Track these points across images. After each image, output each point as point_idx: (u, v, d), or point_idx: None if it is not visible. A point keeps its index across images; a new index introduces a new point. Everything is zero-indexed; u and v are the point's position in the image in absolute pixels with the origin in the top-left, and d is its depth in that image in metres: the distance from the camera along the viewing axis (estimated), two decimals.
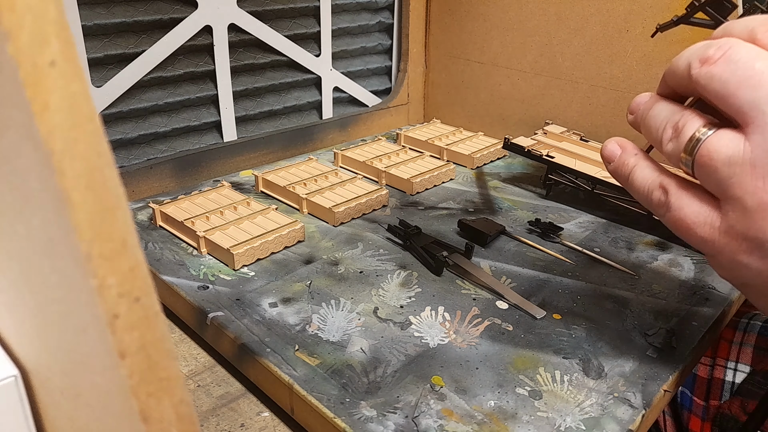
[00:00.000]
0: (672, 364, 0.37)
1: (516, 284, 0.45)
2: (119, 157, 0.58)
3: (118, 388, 0.14)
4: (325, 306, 0.42)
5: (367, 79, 0.79)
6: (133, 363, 0.13)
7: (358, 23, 0.74)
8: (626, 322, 0.41)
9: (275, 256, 0.48)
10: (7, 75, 0.12)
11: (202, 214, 0.51)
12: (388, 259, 0.48)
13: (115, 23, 0.54)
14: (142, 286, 0.13)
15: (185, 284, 0.44)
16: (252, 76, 0.66)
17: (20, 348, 0.21)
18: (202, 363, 0.40)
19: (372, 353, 0.37)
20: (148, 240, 0.50)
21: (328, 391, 0.34)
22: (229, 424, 0.35)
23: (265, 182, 0.59)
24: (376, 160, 0.65)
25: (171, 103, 0.60)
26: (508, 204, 0.59)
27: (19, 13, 0.11)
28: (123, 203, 0.13)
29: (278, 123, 0.70)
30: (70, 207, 0.12)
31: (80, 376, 0.17)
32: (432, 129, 0.77)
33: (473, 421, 0.32)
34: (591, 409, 0.33)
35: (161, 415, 0.14)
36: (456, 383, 0.35)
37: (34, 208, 0.14)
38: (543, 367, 0.36)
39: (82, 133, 0.12)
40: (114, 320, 0.13)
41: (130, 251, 0.13)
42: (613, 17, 0.61)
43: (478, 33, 0.73)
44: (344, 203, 0.54)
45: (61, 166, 0.12)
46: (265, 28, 0.64)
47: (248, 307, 0.41)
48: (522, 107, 0.71)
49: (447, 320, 0.41)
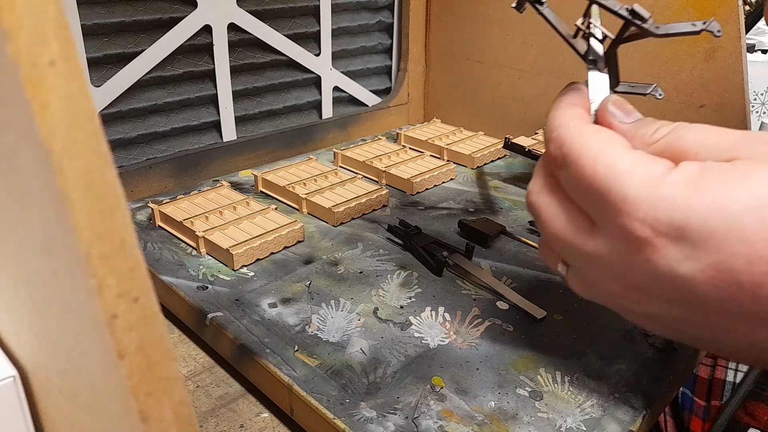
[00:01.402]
0: (673, 364, 0.37)
1: (516, 284, 0.45)
2: (118, 156, 0.58)
3: (117, 389, 0.14)
4: (324, 306, 0.42)
5: (367, 78, 0.79)
6: (132, 363, 0.13)
7: (358, 23, 0.74)
8: (627, 323, 0.41)
9: (275, 257, 0.48)
10: (7, 75, 0.12)
11: (201, 214, 0.51)
12: (388, 259, 0.48)
13: (114, 23, 0.54)
14: (141, 286, 0.13)
15: (184, 284, 0.44)
16: (251, 75, 0.66)
17: (19, 348, 0.21)
18: (202, 363, 0.40)
19: (372, 354, 0.37)
20: (147, 240, 0.50)
21: (328, 392, 0.34)
22: (228, 425, 0.35)
23: (265, 182, 0.59)
24: (376, 159, 0.65)
25: (170, 103, 0.60)
26: (509, 204, 0.59)
27: (19, 12, 0.11)
28: (122, 203, 0.13)
29: (278, 123, 0.70)
30: (69, 207, 0.12)
31: (79, 377, 0.16)
32: (432, 129, 0.76)
33: (473, 422, 0.32)
34: (592, 409, 0.33)
35: (160, 416, 0.14)
36: (456, 384, 0.35)
37: (33, 208, 0.14)
38: (543, 367, 0.36)
39: (81, 133, 0.12)
40: (113, 320, 0.13)
41: (129, 251, 0.13)
42: (613, 17, 0.61)
43: (478, 33, 0.73)
44: (344, 203, 0.54)
45: (60, 165, 0.12)
46: (264, 27, 0.64)
47: (247, 307, 0.41)
48: (522, 107, 0.71)
49: (447, 321, 0.41)
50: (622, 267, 0.26)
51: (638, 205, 0.24)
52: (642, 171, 0.24)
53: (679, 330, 0.27)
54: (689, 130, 0.26)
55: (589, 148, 0.26)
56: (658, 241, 0.24)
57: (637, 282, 0.26)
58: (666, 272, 0.24)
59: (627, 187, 0.24)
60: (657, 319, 0.27)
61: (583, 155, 0.26)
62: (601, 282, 0.28)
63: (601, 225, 0.26)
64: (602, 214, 0.26)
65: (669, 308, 0.26)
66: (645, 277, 0.25)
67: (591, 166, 0.25)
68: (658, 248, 0.24)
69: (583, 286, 0.30)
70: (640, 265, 0.25)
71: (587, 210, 0.27)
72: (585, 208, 0.27)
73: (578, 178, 0.26)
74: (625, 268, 0.26)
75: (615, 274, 0.26)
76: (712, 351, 0.29)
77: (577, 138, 0.26)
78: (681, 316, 0.25)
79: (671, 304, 0.25)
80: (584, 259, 0.28)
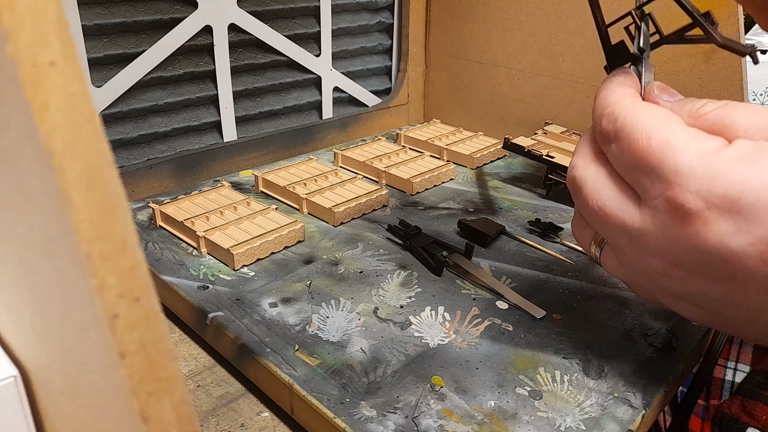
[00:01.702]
0: (672, 364, 0.37)
1: (516, 284, 0.45)
2: (119, 157, 0.58)
3: (118, 388, 0.14)
4: (325, 306, 0.42)
5: (367, 79, 0.79)
6: (132, 363, 0.13)
7: (358, 23, 0.74)
8: (626, 322, 0.41)
9: (275, 256, 0.48)
10: (7, 75, 0.12)
11: (202, 214, 0.51)
12: (388, 259, 0.48)
13: (115, 23, 0.54)
14: (142, 286, 0.13)
15: (185, 284, 0.44)
16: (252, 76, 0.66)
17: (20, 348, 0.21)
18: (202, 363, 0.40)
19: (372, 353, 0.37)
20: (148, 240, 0.50)
21: (328, 391, 0.34)
22: (229, 424, 0.35)
23: (265, 182, 0.59)
24: (376, 160, 0.65)
25: (171, 103, 0.60)
26: (508, 204, 0.59)
27: (19, 13, 0.11)
28: (123, 203, 0.13)
29: (278, 123, 0.70)
30: (69, 207, 0.12)
31: (80, 376, 0.17)
32: (432, 129, 0.76)
33: (473, 421, 0.32)
34: (591, 409, 0.33)
35: (161, 415, 0.14)
36: (456, 383, 0.35)
37: (34, 208, 0.14)
38: (543, 367, 0.36)
39: (82, 133, 0.12)
40: (114, 320, 0.13)
41: (129, 251, 0.13)
42: (613, 17, 0.61)
43: (478, 33, 0.73)
44: (344, 203, 0.54)
45: (60, 166, 0.12)
46: (265, 28, 0.64)
47: (248, 307, 0.41)
48: (522, 107, 0.71)
49: (447, 320, 0.41)
50: (667, 243, 0.26)
51: (692, 178, 0.24)
52: (697, 146, 0.25)
53: (715, 311, 0.26)
54: (737, 108, 0.26)
55: (644, 123, 0.26)
56: (709, 214, 0.24)
57: (682, 258, 0.26)
58: (714, 246, 0.24)
59: (681, 160, 0.24)
60: (694, 299, 0.27)
61: (637, 129, 0.26)
62: (641, 259, 0.28)
63: (649, 199, 0.26)
64: (652, 188, 0.26)
65: (711, 286, 0.25)
66: (691, 252, 0.25)
67: (645, 140, 0.26)
68: (708, 221, 0.24)
69: (620, 265, 0.29)
70: (687, 239, 0.25)
71: (635, 185, 0.27)
72: (633, 183, 0.27)
73: (631, 152, 0.26)
74: (670, 244, 0.26)
75: (658, 250, 0.26)
76: (743, 335, 0.29)
77: (631, 113, 0.27)
78: (722, 295, 0.25)
79: (715, 281, 0.25)
80: (626, 235, 0.27)
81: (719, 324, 0.28)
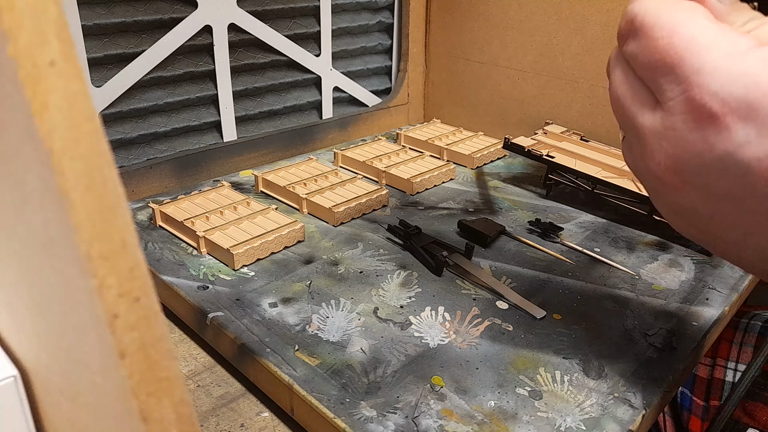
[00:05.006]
0: (672, 364, 0.37)
1: (516, 284, 0.45)
2: (119, 157, 0.58)
3: (117, 388, 0.14)
4: (325, 306, 0.42)
5: (367, 79, 0.79)
6: (132, 363, 0.13)
7: (358, 23, 0.74)
8: (626, 322, 0.41)
9: (275, 256, 0.48)
10: (7, 75, 0.12)
11: (201, 214, 0.51)
12: (388, 259, 0.48)
13: (115, 23, 0.54)
14: (142, 286, 0.13)
15: (185, 284, 0.44)
16: (252, 75, 0.66)
17: (20, 348, 0.21)
18: (202, 363, 0.40)
19: (372, 353, 0.37)
20: (147, 240, 0.50)
21: (328, 392, 0.34)
22: (228, 425, 0.35)
23: (265, 182, 0.59)
24: (376, 160, 0.65)
25: (171, 103, 0.60)
26: (508, 204, 0.59)
27: (19, 13, 0.11)
28: (123, 203, 0.13)
29: (278, 123, 0.70)
30: (69, 207, 0.12)
31: (80, 376, 0.16)
32: (432, 129, 0.76)
33: (473, 421, 0.32)
34: (591, 409, 0.33)
35: (161, 415, 0.14)
36: (456, 383, 0.35)
37: (33, 208, 0.14)
38: (543, 367, 0.36)
39: (81, 133, 0.12)
40: (114, 320, 0.13)
41: (129, 251, 0.13)
42: (613, 17, 0.61)
43: (478, 33, 0.73)
44: (344, 203, 0.54)
45: (60, 166, 0.12)
46: (265, 27, 0.64)
47: (248, 307, 0.41)
48: (522, 107, 0.71)
49: (447, 320, 0.41)
50: (672, 147, 0.24)
51: (715, 76, 0.22)
52: (727, 44, 0.22)
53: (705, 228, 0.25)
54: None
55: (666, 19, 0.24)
56: (725, 119, 0.22)
57: (684, 166, 0.24)
58: (720, 156, 0.23)
59: (704, 58, 0.22)
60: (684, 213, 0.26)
61: (658, 27, 0.24)
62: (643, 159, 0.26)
63: (664, 101, 0.24)
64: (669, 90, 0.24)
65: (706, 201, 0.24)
66: (695, 160, 0.24)
67: (666, 38, 0.24)
68: (722, 128, 0.22)
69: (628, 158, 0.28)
70: (694, 145, 0.23)
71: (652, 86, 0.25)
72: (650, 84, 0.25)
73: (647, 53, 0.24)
74: (676, 150, 0.24)
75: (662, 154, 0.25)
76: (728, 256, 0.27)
77: (652, 9, 0.25)
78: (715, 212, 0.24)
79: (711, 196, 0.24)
80: (635, 132, 0.26)
81: (707, 241, 0.27)
